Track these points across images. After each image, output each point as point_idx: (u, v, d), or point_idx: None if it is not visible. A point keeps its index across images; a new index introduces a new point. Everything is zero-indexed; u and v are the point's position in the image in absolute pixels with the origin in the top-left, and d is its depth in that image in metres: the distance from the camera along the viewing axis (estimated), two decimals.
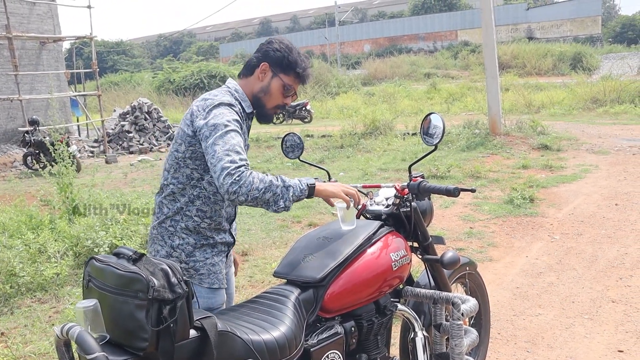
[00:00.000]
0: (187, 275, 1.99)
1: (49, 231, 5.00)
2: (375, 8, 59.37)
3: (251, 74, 2.12)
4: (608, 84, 16.55)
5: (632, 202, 6.23)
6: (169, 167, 2.05)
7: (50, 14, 16.47)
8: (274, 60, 2.09)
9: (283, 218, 6.09)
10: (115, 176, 10.44)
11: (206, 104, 1.97)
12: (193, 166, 2.00)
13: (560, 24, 37.29)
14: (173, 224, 2.03)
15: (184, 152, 1.99)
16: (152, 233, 2.09)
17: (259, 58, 2.11)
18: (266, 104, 2.12)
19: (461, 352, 2.09)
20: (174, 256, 2.01)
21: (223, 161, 1.80)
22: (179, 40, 65.72)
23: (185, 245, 2.01)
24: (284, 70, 2.09)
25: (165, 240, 2.03)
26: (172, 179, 2.03)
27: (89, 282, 1.49)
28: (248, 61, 2.15)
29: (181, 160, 2.00)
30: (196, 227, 2.02)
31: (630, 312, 3.62)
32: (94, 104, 20.22)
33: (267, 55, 2.09)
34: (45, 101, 15.25)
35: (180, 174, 2.02)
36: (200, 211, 2.02)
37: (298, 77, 2.12)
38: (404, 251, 2.12)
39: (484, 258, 4.72)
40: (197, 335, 1.45)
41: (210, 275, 2.03)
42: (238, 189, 1.78)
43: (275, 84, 2.09)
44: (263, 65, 2.09)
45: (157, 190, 2.12)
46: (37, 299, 4.21)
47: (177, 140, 2.03)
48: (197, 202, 2.02)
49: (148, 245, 2.13)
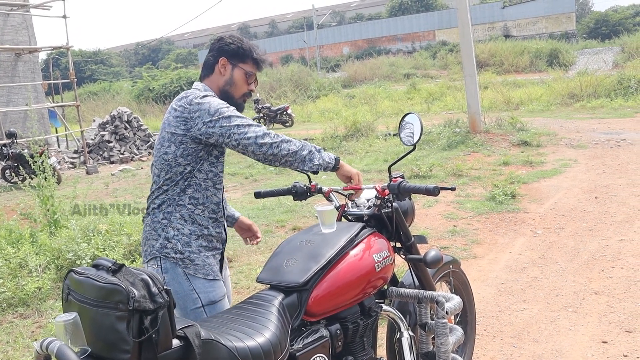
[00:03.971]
0: (182, 265, 2.04)
1: (30, 245, 4.93)
2: (353, 10, 59.58)
3: (212, 72, 2.21)
4: (584, 79, 16.79)
5: (611, 195, 6.32)
6: (159, 171, 2.09)
7: (25, 25, 16.27)
8: (230, 53, 2.19)
9: (267, 223, 6.08)
10: (96, 187, 10.33)
11: (190, 99, 2.05)
12: (185, 162, 2.05)
13: (535, 22, 37.74)
14: (167, 216, 2.06)
15: (175, 152, 2.04)
16: (146, 231, 2.12)
17: (215, 55, 2.20)
18: (234, 95, 2.21)
19: (447, 351, 2.10)
20: (168, 248, 2.04)
21: (252, 127, 1.98)
22: (157, 48, 65.28)
23: (181, 235, 2.05)
24: (241, 60, 2.21)
25: (159, 233, 2.06)
26: (163, 180, 2.08)
27: (69, 295, 1.46)
28: (205, 62, 2.24)
29: (172, 161, 2.05)
30: (191, 214, 2.07)
31: (612, 303, 3.67)
32: (73, 115, 19.98)
33: (222, 50, 2.20)
34: (23, 113, 15.05)
35: (172, 173, 2.06)
36: (192, 198, 2.08)
37: (255, 62, 2.24)
38: (387, 252, 2.12)
39: (468, 255, 4.75)
40: (181, 345, 1.43)
41: (205, 267, 2.06)
42: (280, 143, 1.97)
43: (237, 74, 2.20)
44: (222, 61, 2.18)
45: (149, 194, 2.15)
46: (18, 315, 4.14)
47: (163, 144, 2.07)
48: (189, 190, 2.07)
49: (142, 247, 2.15)
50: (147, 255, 2.11)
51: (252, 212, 6.57)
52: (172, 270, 2.04)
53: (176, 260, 2.04)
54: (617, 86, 16.00)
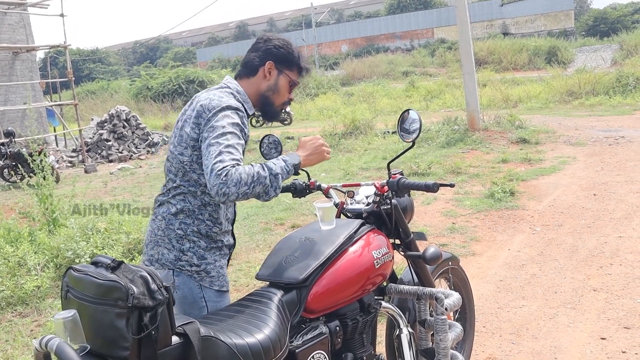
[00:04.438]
0: (198, 278, 1.96)
1: (29, 243, 4.93)
2: (351, 8, 59.54)
3: (254, 74, 2.09)
4: (583, 76, 16.79)
5: (610, 192, 6.33)
6: (176, 171, 1.99)
7: (22, 24, 16.25)
8: (279, 57, 2.09)
9: (266, 221, 6.08)
10: (95, 186, 10.32)
11: (212, 104, 1.92)
12: (199, 172, 1.94)
13: (534, 19, 37.76)
14: (182, 227, 1.96)
15: (190, 157, 1.94)
16: (156, 234, 1.99)
17: (262, 57, 2.08)
18: (275, 102, 2.12)
19: (446, 347, 2.10)
20: (183, 260, 1.95)
21: (212, 162, 1.78)
22: (155, 46, 65.20)
23: (197, 248, 1.97)
24: (288, 66, 2.11)
25: (172, 243, 1.96)
26: (181, 182, 1.98)
27: (68, 293, 1.46)
28: (247, 61, 2.11)
29: (187, 165, 1.95)
30: (208, 232, 1.99)
31: (611, 299, 3.67)
32: (71, 114, 19.96)
33: (270, 53, 2.08)
34: (21, 112, 15.03)
35: (189, 177, 1.97)
36: (212, 217, 1.99)
37: (301, 71, 2.15)
38: (386, 248, 2.12)
39: (467, 253, 4.75)
40: (180, 342, 1.44)
41: (219, 278, 2.01)
42: (227, 189, 1.74)
43: (282, 81, 2.10)
44: (268, 64, 2.07)
45: (160, 192, 2.06)
46: (17, 313, 4.14)
47: (181, 143, 1.96)
48: (209, 208, 1.99)
49: (148, 248, 2.02)
50: (154, 262, 2.00)
51: (250, 210, 6.57)
52: (184, 285, 1.96)
53: (191, 273, 1.96)
54: (616, 84, 16.01)
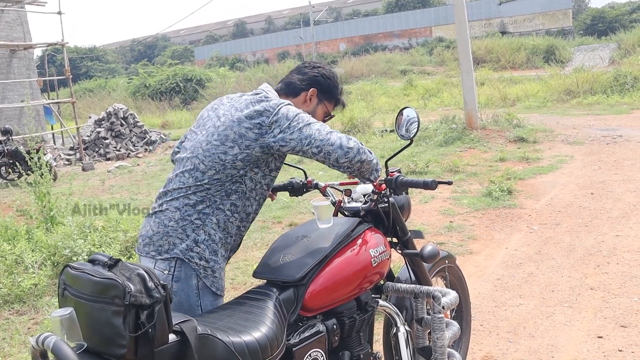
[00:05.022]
0: (203, 275, 1.93)
1: (26, 241, 4.92)
2: (349, 7, 59.49)
3: (295, 96, 2.14)
4: (581, 75, 16.80)
5: (607, 191, 6.34)
6: (207, 169, 1.94)
7: (20, 21, 16.21)
8: (324, 87, 2.16)
9: (264, 219, 6.08)
10: (92, 184, 10.31)
11: (272, 103, 1.96)
12: (242, 166, 1.95)
13: (532, 18, 37.78)
14: (201, 217, 1.93)
15: (236, 155, 1.93)
16: (167, 225, 1.93)
17: (308, 83, 2.14)
18: None
19: (443, 345, 2.11)
20: (194, 251, 1.91)
21: (334, 132, 1.94)
22: (153, 44, 65.12)
23: (211, 242, 1.94)
24: (329, 98, 2.18)
25: (187, 233, 1.92)
26: (209, 179, 1.94)
27: (65, 291, 1.46)
28: (290, 82, 2.16)
29: (229, 163, 1.94)
30: (226, 222, 1.96)
31: (608, 298, 3.68)
32: (69, 112, 19.92)
33: (317, 81, 2.15)
34: (18, 110, 15.00)
35: (223, 175, 1.94)
36: (233, 205, 1.98)
37: (338, 104, 2.23)
38: (383, 247, 2.13)
39: (464, 251, 4.76)
40: (177, 340, 1.43)
41: (219, 281, 2.00)
42: (364, 148, 2.00)
43: (320, 110, 2.18)
44: (312, 91, 2.14)
45: (169, 189, 2.00)
46: (15, 311, 4.14)
47: (225, 142, 1.94)
48: (233, 196, 1.97)
49: (154, 240, 1.95)
50: (162, 252, 1.93)
51: None
52: (185, 280, 1.91)
53: (198, 267, 1.91)
54: (614, 83, 16.03)
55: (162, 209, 1.98)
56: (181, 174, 1.99)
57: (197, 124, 2.12)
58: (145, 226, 2.03)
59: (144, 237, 2.01)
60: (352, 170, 2.01)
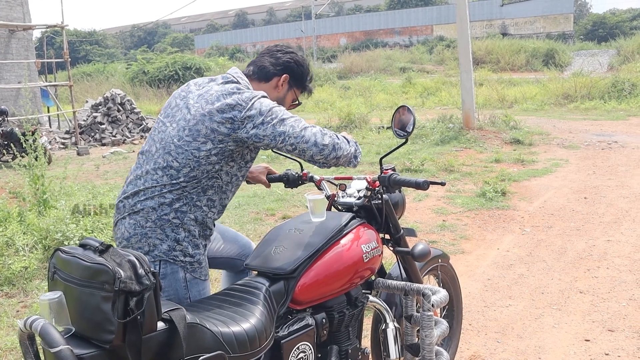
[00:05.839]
0: (190, 269, 1.91)
1: (17, 224, 4.90)
2: (351, 2, 59.32)
3: (267, 81, 2.10)
4: (579, 80, 16.84)
5: (601, 196, 6.37)
6: (181, 167, 1.88)
7: (20, 1, 16.09)
8: (296, 74, 2.13)
9: (257, 211, 6.07)
10: (87, 168, 10.26)
11: (244, 96, 1.90)
12: (216, 161, 1.90)
13: (533, 21, 37.79)
14: (179, 215, 1.88)
15: (210, 150, 1.87)
16: (144, 226, 1.88)
17: (281, 68, 2.10)
18: None
19: (431, 343, 2.11)
20: (177, 250, 1.88)
21: (308, 128, 1.92)
22: (153, 31, 64.81)
23: (192, 238, 1.91)
24: (299, 85, 2.16)
25: (167, 233, 1.88)
26: (185, 177, 1.88)
27: (55, 274, 1.46)
28: (262, 67, 2.10)
29: (204, 159, 1.88)
30: (204, 217, 1.93)
31: (596, 302, 3.70)
32: (66, 95, 19.81)
33: (290, 67, 2.11)
34: (15, 91, 14.91)
35: (198, 171, 1.89)
36: (210, 200, 1.94)
37: (305, 90, 2.20)
38: (375, 243, 2.13)
39: (456, 250, 4.77)
40: (165, 328, 1.43)
41: (205, 268, 1.99)
42: (340, 143, 1.97)
43: (289, 96, 2.15)
44: (285, 77, 2.10)
45: (136, 190, 1.93)
46: (4, 294, 4.12)
47: (197, 138, 1.87)
48: (210, 191, 1.93)
49: (132, 242, 1.90)
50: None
51: (242, 199, 6.56)
52: (171, 275, 1.89)
53: (184, 264, 1.90)
54: (611, 89, 16.08)
55: (136, 210, 1.90)
56: (153, 171, 1.91)
57: (165, 113, 2.02)
58: (120, 228, 1.94)
59: (121, 240, 1.94)
60: (328, 165, 2.00)
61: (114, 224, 2.01)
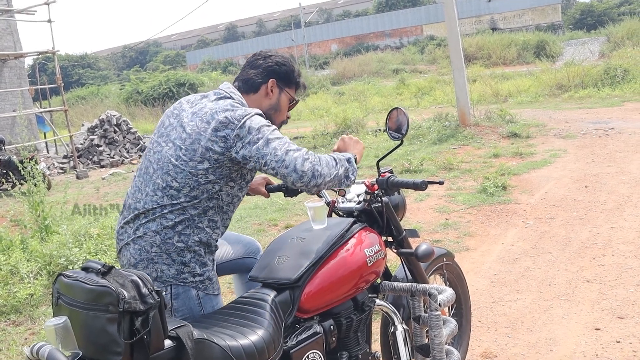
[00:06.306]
0: (202, 287, 1.89)
1: (21, 251, 4.89)
2: (339, 7, 59.53)
3: (255, 91, 2.08)
4: (571, 69, 16.87)
5: (601, 183, 6.36)
6: (181, 186, 1.86)
7: (10, 30, 16.15)
8: (281, 75, 2.09)
9: (259, 222, 6.07)
10: (87, 191, 10.27)
11: (237, 114, 1.88)
12: (215, 180, 1.88)
13: (522, 14, 37.89)
14: (183, 239, 1.86)
15: (206, 170, 1.86)
16: (149, 251, 1.86)
17: (264, 75, 2.07)
18: (276, 120, 2.11)
19: (441, 343, 2.10)
20: (185, 272, 1.87)
21: (291, 151, 1.83)
22: (144, 50, 64.96)
23: (198, 257, 1.89)
24: (288, 84, 2.12)
25: (172, 257, 1.86)
26: (185, 197, 1.86)
27: (58, 299, 1.46)
28: (247, 79, 2.08)
29: (201, 178, 1.86)
30: (208, 239, 1.91)
31: (604, 290, 3.69)
32: (61, 120, 19.85)
33: (273, 71, 2.08)
34: (10, 119, 14.94)
35: (198, 191, 1.87)
36: (211, 221, 1.92)
37: (298, 87, 2.16)
38: (378, 246, 2.12)
39: (460, 248, 4.76)
40: (173, 345, 1.43)
41: (215, 283, 1.97)
42: (321, 169, 1.86)
43: (283, 98, 2.12)
44: (271, 82, 2.08)
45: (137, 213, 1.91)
46: (11, 322, 4.11)
47: (193, 158, 1.85)
48: (210, 212, 1.91)
49: (139, 268, 1.87)
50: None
51: (244, 212, 6.56)
52: (184, 294, 1.88)
53: (195, 283, 1.88)
54: (604, 76, 16.09)
55: (139, 235, 1.89)
56: (152, 192, 1.90)
57: (159, 133, 2.01)
58: (126, 255, 1.93)
59: (127, 267, 1.91)
60: (310, 192, 1.93)
61: (118, 251, 1.99)
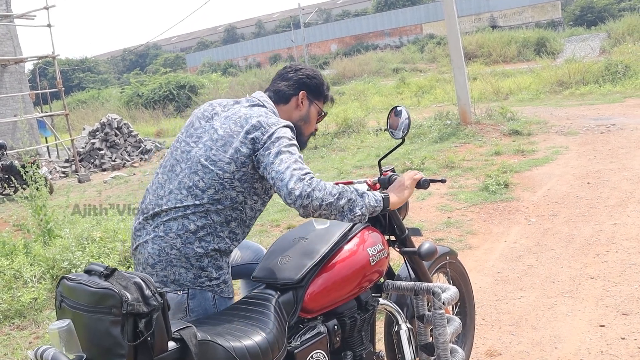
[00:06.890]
0: (218, 290, 1.91)
1: (24, 256, 4.90)
2: (339, 7, 59.52)
3: (286, 102, 2.12)
4: (572, 66, 16.83)
5: (603, 180, 6.35)
6: (207, 187, 1.87)
7: (10, 35, 16.17)
8: (311, 88, 2.14)
9: (261, 223, 6.07)
10: (89, 195, 10.28)
11: (271, 120, 1.91)
12: (240, 189, 1.89)
13: (521, 11, 37.85)
14: (203, 245, 1.87)
15: (233, 173, 1.87)
16: (169, 253, 1.86)
17: (295, 87, 2.11)
18: (305, 132, 2.16)
19: (445, 341, 2.10)
20: (203, 277, 1.88)
21: (291, 168, 1.78)
22: (144, 53, 65.00)
23: (214, 261, 1.90)
24: (317, 97, 2.16)
25: (191, 262, 1.87)
26: (209, 199, 1.87)
27: (62, 303, 1.46)
28: (278, 90, 2.12)
29: (227, 182, 1.87)
30: (227, 249, 1.93)
31: (608, 287, 3.68)
32: (63, 124, 19.89)
33: (304, 83, 2.12)
34: (11, 124, 14.96)
35: (222, 195, 1.87)
36: (232, 233, 1.93)
37: (327, 100, 2.20)
38: (381, 245, 2.12)
39: (463, 246, 4.76)
40: (177, 347, 1.43)
41: (230, 286, 1.99)
42: (312, 192, 1.75)
43: (313, 111, 2.15)
44: (302, 94, 2.11)
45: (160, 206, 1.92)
46: (15, 326, 4.12)
47: (222, 159, 1.87)
48: (232, 224, 1.92)
49: (157, 269, 1.88)
50: (168, 283, 1.87)
51: None
52: (200, 295, 1.89)
53: (211, 287, 1.90)
54: (605, 72, 16.05)
55: (160, 234, 1.88)
56: (177, 190, 1.90)
57: (188, 133, 2.03)
58: (143, 253, 1.92)
59: (145, 266, 1.92)
60: (301, 214, 1.82)
61: (134, 247, 1.99)
